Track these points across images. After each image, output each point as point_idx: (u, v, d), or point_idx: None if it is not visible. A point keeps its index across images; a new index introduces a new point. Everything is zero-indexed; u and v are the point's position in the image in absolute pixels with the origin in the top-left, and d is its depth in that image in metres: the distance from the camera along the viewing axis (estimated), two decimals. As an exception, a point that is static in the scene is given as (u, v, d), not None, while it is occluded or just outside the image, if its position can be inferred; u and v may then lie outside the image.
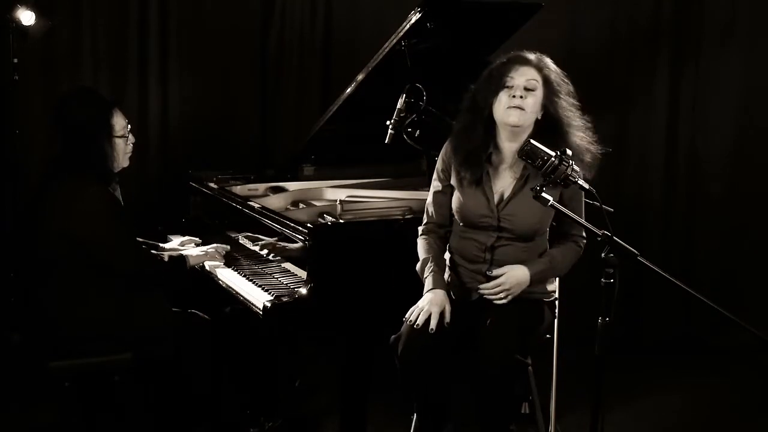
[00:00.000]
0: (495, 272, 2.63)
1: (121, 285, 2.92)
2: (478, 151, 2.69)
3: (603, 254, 2.15)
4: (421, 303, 2.62)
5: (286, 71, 4.56)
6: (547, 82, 2.64)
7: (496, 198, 2.69)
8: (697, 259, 4.54)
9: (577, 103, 2.71)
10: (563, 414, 3.36)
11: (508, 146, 2.69)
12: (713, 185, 4.49)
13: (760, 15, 4.34)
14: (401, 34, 3.10)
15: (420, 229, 2.84)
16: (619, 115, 4.52)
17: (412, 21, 3.04)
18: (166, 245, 3.39)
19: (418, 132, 3.17)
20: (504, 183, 2.70)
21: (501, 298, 2.61)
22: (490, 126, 2.69)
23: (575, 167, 2.28)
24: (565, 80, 2.69)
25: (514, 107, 2.59)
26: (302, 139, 3.83)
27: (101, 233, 2.84)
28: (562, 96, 2.65)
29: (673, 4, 4.40)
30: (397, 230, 2.93)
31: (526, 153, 2.31)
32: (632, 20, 4.44)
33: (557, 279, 2.87)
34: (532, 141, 2.32)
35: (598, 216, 2.22)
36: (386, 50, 3.17)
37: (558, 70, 2.69)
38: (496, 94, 2.63)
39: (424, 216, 2.85)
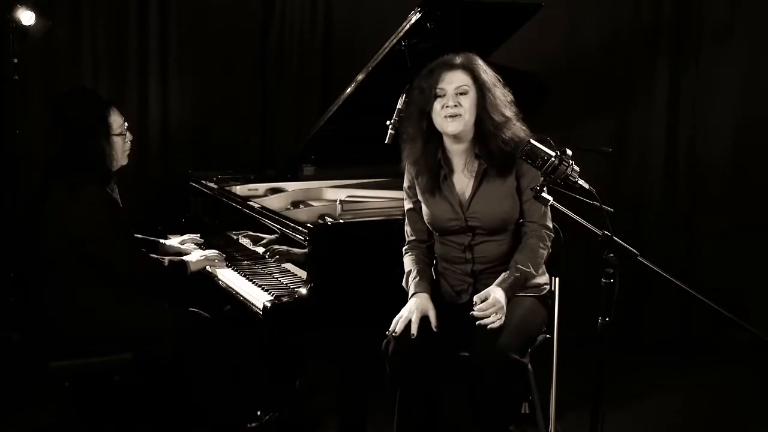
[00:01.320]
0: (478, 302, 2.53)
1: (121, 285, 2.93)
2: (427, 160, 2.71)
3: (603, 254, 2.15)
4: (402, 310, 2.62)
5: (286, 71, 4.57)
6: (476, 80, 2.64)
7: (459, 200, 2.71)
8: (697, 259, 4.54)
9: (509, 95, 2.70)
10: (563, 414, 3.36)
11: (456, 149, 2.71)
12: (713, 185, 4.49)
13: (760, 15, 4.34)
14: (401, 34, 3.11)
15: (403, 249, 2.86)
16: (619, 115, 4.52)
17: (412, 21, 3.05)
18: (166, 242, 3.38)
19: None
20: (462, 184, 2.72)
21: (493, 321, 2.49)
22: (433, 134, 2.70)
23: (575, 167, 2.28)
24: (496, 75, 2.70)
25: (450, 116, 2.61)
26: (302, 139, 3.84)
27: (99, 234, 2.85)
28: (493, 91, 2.65)
29: (673, 4, 4.40)
30: (397, 230, 2.93)
31: (525, 153, 2.31)
32: (632, 20, 4.44)
33: (546, 273, 2.86)
34: (532, 141, 2.32)
35: (598, 216, 2.22)
36: (386, 50, 3.17)
37: (485, 66, 2.69)
38: (430, 104, 2.64)
39: (405, 236, 2.87)
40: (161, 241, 3.37)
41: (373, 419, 3.00)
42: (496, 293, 2.54)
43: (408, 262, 2.80)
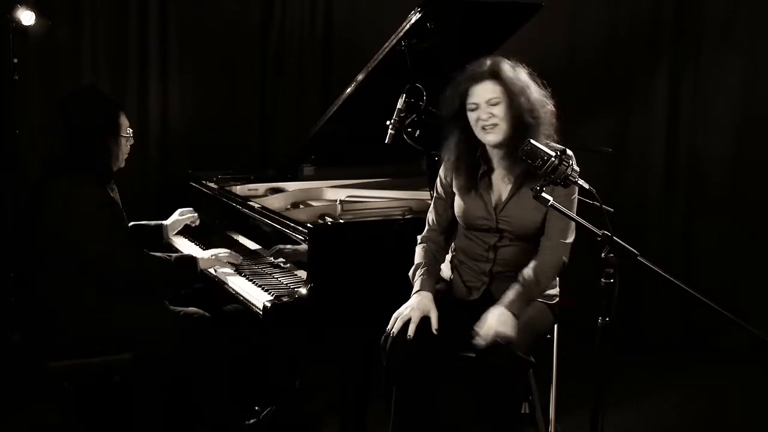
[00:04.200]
0: (477, 329, 2.53)
1: (121, 285, 2.93)
2: (465, 158, 2.71)
3: (603, 254, 2.15)
4: (403, 307, 2.62)
5: (286, 71, 4.57)
6: (506, 87, 2.61)
7: (494, 201, 2.70)
8: (697, 259, 4.54)
9: (543, 96, 2.67)
10: (563, 414, 3.36)
11: (496, 152, 2.70)
12: (713, 185, 4.49)
13: (760, 15, 4.34)
14: (401, 34, 3.11)
15: (419, 237, 2.85)
16: (619, 115, 4.52)
17: (412, 21, 3.05)
18: (167, 222, 3.39)
19: (418, 132, 3.17)
20: (500, 186, 2.71)
21: (499, 338, 2.49)
22: (471, 134, 2.69)
23: (575, 167, 2.28)
24: (530, 73, 2.67)
25: (487, 126, 2.61)
26: (302, 139, 3.84)
27: (96, 235, 2.84)
28: (526, 94, 2.62)
29: (673, 4, 4.40)
30: (397, 230, 2.93)
31: (526, 153, 2.31)
32: (632, 20, 4.44)
33: (558, 286, 2.86)
34: (532, 141, 2.32)
35: (598, 216, 2.22)
36: (386, 50, 3.17)
37: (511, 68, 2.65)
38: (461, 115, 2.65)
39: (426, 224, 2.86)
40: (164, 223, 3.37)
41: (373, 419, 3.01)
42: (493, 314, 2.52)
43: (420, 253, 2.79)
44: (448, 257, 2.85)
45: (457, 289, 2.78)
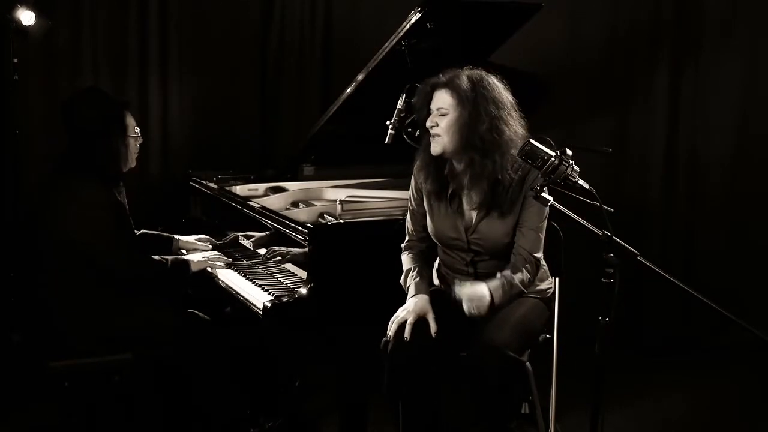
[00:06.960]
0: (457, 289, 2.57)
1: (122, 286, 2.93)
2: (432, 168, 2.70)
3: (603, 254, 2.15)
4: (399, 311, 2.63)
5: (286, 71, 4.57)
6: (458, 101, 2.59)
7: (465, 222, 2.70)
8: (697, 259, 4.54)
9: (511, 114, 2.63)
10: (563, 414, 3.36)
11: (457, 166, 2.68)
12: (713, 185, 4.49)
13: (760, 15, 4.34)
14: (401, 34, 3.11)
15: (402, 246, 2.86)
16: (619, 115, 4.52)
17: (412, 21, 3.05)
18: (182, 238, 3.38)
19: (418, 132, 3.18)
20: (469, 206, 2.70)
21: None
22: None
23: (575, 167, 2.28)
24: (480, 98, 2.59)
25: (432, 135, 2.62)
26: (302, 139, 3.84)
27: (96, 235, 2.84)
28: (483, 110, 2.57)
29: (673, 4, 4.40)
30: (397, 230, 2.93)
31: (525, 153, 2.31)
32: (632, 20, 4.44)
33: (549, 277, 2.87)
34: (531, 141, 2.32)
35: (598, 216, 2.22)
36: (386, 50, 3.18)
37: (473, 85, 2.59)
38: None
39: (406, 234, 2.87)
40: (176, 237, 3.37)
41: (373, 419, 3.00)
42: (474, 289, 2.54)
43: (407, 260, 2.81)
44: (435, 267, 2.87)
45: (448, 301, 2.77)
